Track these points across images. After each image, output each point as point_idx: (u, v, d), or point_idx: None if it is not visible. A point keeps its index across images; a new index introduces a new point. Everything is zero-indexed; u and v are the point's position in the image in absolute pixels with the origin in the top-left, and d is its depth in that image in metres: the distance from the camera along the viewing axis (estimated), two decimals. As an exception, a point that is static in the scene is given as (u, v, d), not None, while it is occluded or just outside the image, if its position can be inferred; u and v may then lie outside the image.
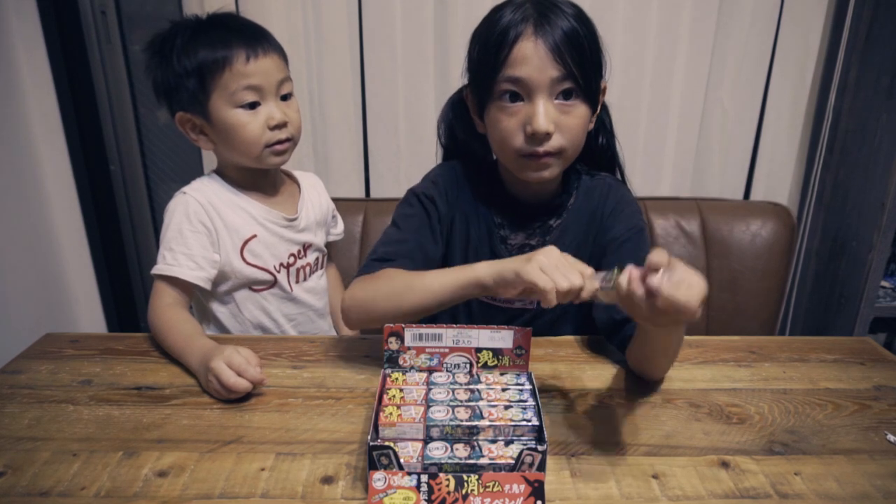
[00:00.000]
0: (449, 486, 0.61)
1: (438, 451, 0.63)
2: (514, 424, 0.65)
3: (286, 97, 1.02)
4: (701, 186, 1.75)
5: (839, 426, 0.77)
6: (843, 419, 0.78)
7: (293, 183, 1.16)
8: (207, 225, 1.01)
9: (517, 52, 0.83)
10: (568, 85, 0.84)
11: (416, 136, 1.64)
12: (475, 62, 0.90)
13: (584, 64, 0.84)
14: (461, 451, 0.63)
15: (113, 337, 0.99)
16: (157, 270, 0.98)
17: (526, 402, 0.70)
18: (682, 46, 1.60)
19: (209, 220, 1.01)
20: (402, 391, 0.71)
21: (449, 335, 0.75)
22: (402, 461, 0.61)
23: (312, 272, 1.14)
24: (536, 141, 0.85)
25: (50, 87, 1.56)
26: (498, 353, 0.76)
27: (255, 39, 0.97)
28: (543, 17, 0.83)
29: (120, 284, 1.88)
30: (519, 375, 0.75)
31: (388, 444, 0.61)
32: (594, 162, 1.03)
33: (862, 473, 0.68)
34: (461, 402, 0.70)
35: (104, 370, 0.87)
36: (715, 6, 1.56)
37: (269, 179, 1.09)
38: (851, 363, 0.92)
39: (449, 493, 0.60)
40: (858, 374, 0.89)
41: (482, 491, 0.60)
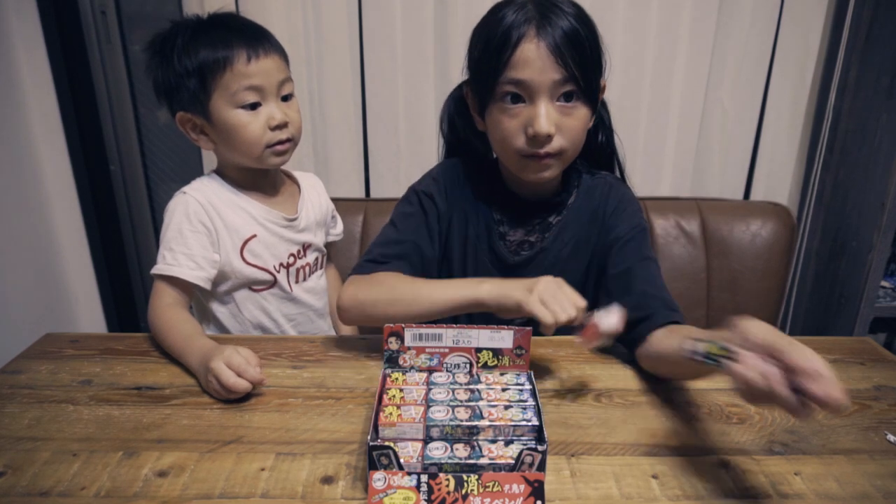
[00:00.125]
0: (449, 486, 0.61)
1: (438, 451, 0.63)
2: (514, 424, 0.65)
3: (287, 98, 1.02)
4: (701, 186, 1.75)
5: (839, 426, 0.77)
6: (842, 419, 0.78)
7: (293, 183, 1.16)
8: (207, 225, 1.01)
9: (519, 54, 0.83)
10: (569, 87, 0.84)
11: (416, 136, 1.64)
12: (476, 62, 0.90)
13: (584, 65, 0.84)
14: (461, 451, 0.63)
15: (113, 337, 0.99)
16: (156, 270, 0.98)
17: (526, 402, 0.70)
18: (682, 46, 1.60)
19: (209, 219, 1.01)
20: (402, 391, 0.71)
21: (449, 335, 0.75)
22: (402, 461, 0.61)
23: (312, 272, 1.14)
24: (538, 143, 0.86)
25: (50, 87, 1.56)
26: (498, 353, 0.76)
27: (256, 40, 0.97)
28: (545, 18, 0.83)
29: (120, 284, 1.88)
30: (519, 375, 0.75)
31: (388, 444, 0.61)
32: (594, 159, 1.03)
33: (862, 473, 0.68)
34: (461, 402, 0.70)
35: (104, 370, 0.87)
36: (715, 6, 1.56)
37: (269, 179, 1.09)
38: (851, 363, 0.92)
39: (449, 493, 0.60)
40: (858, 374, 0.89)
41: (482, 491, 0.60)
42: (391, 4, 1.53)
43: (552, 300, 0.76)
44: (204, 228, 1.00)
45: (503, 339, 0.75)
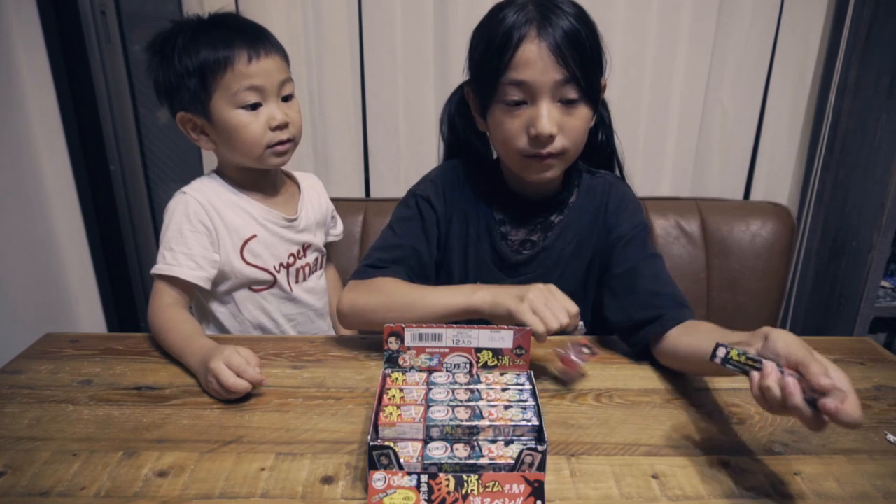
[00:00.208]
0: (449, 486, 0.60)
1: (438, 451, 0.63)
2: (514, 424, 0.65)
3: (287, 98, 1.02)
4: (701, 186, 1.74)
5: (839, 426, 0.77)
6: (843, 419, 0.78)
7: (293, 183, 1.16)
8: (207, 225, 1.01)
9: (521, 55, 0.83)
10: (571, 88, 0.85)
11: (416, 136, 1.64)
12: (477, 63, 0.90)
13: (585, 65, 0.84)
14: (461, 451, 0.63)
15: (113, 337, 0.99)
16: (156, 270, 0.98)
17: (526, 402, 0.70)
18: (682, 46, 1.60)
19: (209, 219, 1.01)
20: (402, 391, 0.71)
21: (449, 335, 0.75)
22: (402, 461, 0.61)
23: (312, 272, 1.14)
24: (540, 143, 0.86)
25: (50, 87, 1.56)
26: (498, 353, 0.76)
27: (257, 40, 0.97)
28: (546, 18, 0.83)
29: (120, 284, 1.88)
30: (519, 375, 0.75)
31: (388, 444, 0.61)
32: (594, 158, 1.03)
33: (862, 473, 0.68)
34: (461, 402, 0.70)
35: (104, 370, 0.87)
36: (715, 6, 1.56)
37: (269, 180, 1.09)
38: (851, 363, 0.92)
39: (449, 493, 0.60)
40: (858, 374, 0.89)
41: (482, 491, 0.60)
42: (391, 4, 1.53)
43: (543, 308, 0.77)
44: (204, 228, 1.00)
45: (503, 339, 0.75)
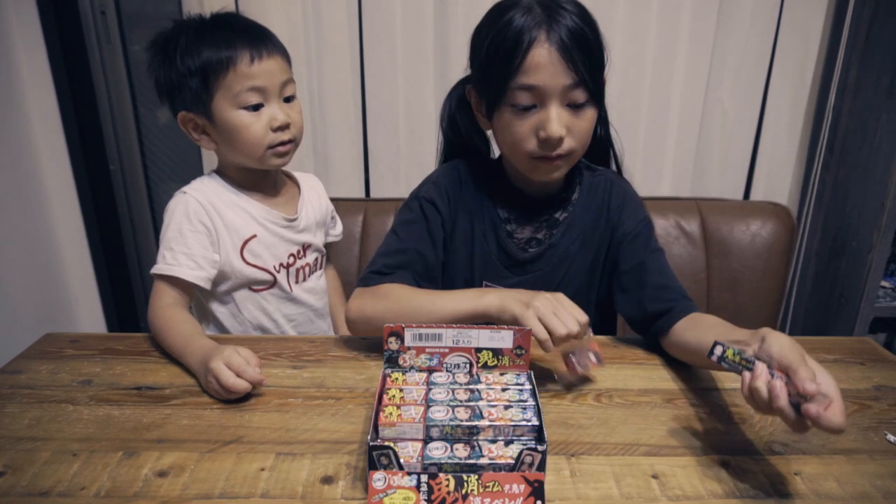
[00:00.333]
0: (449, 486, 0.61)
1: (438, 451, 0.63)
2: (513, 424, 0.65)
3: (289, 99, 1.02)
4: (701, 186, 1.75)
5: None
6: (843, 419, 0.78)
7: (293, 184, 1.16)
8: (207, 224, 1.01)
9: (531, 59, 0.83)
10: (580, 91, 0.85)
11: (416, 136, 1.64)
12: (483, 65, 0.89)
13: (593, 68, 0.85)
14: (461, 451, 0.63)
15: (113, 337, 0.99)
16: (156, 270, 0.98)
17: (526, 402, 0.70)
18: (682, 46, 1.60)
19: (209, 219, 1.01)
20: (402, 391, 0.71)
21: (449, 335, 0.75)
22: (402, 461, 0.61)
23: (312, 272, 1.14)
24: (549, 146, 0.87)
25: (50, 87, 1.56)
26: (498, 353, 0.76)
27: (259, 40, 0.97)
28: (553, 20, 0.83)
29: (120, 284, 1.88)
30: (519, 375, 0.75)
31: (388, 444, 0.61)
32: (591, 151, 1.03)
33: (862, 473, 0.68)
34: (461, 402, 0.70)
35: (104, 370, 0.87)
36: (715, 6, 1.56)
37: (269, 180, 1.09)
38: (851, 363, 0.92)
39: (449, 493, 0.60)
40: (858, 374, 0.89)
41: (482, 491, 0.60)
42: (391, 4, 1.53)
43: (551, 316, 0.76)
44: (204, 228, 1.00)
45: (503, 339, 0.75)
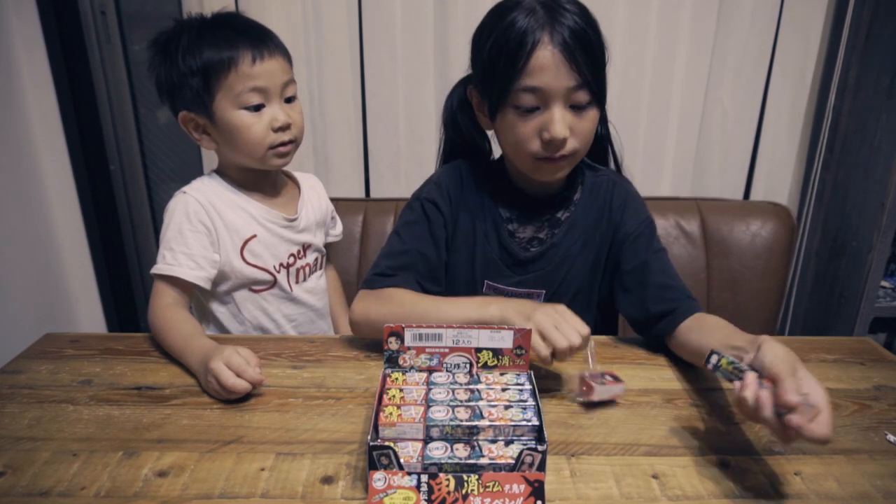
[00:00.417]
0: (449, 486, 0.61)
1: (438, 451, 0.63)
2: (514, 424, 0.65)
3: (290, 99, 1.02)
4: (701, 186, 1.75)
5: (839, 426, 0.77)
6: (843, 419, 0.78)
7: (293, 184, 1.16)
8: (207, 224, 1.01)
9: (535, 61, 0.83)
10: (583, 92, 0.85)
11: (416, 136, 1.64)
12: (486, 66, 0.88)
13: (595, 69, 0.85)
14: (461, 451, 0.63)
15: (113, 337, 0.99)
16: (156, 270, 0.98)
17: (526, 402, 0.70)
18: (682, 46, 1.60)
19: (209, 219, 1.01)
20: (402, 391, 0.71)
21: (449, 335, 0.75)
22: (402, 461, 0.61)
23: (312, 272, 1.14)
24: (553, 147, 0.87)
25: (50, 87, 1.56)
26: (498, 353, 0.76)
27: (260, 41, 0.97)
28: (556, 21, 0.83)
29: (120, 284, 1.88)
30: (519, 375, 0.75)
31: (388, 444, 0.61)
32: (591, 150, 1.03)
33: (862, 473, 0.68)
34: (461, 402, 0.70)
35: (104, 370, 0.87)
36: (715, 6, 1.56)
37: (269, 180, 1.09)
38: (851, 363, 0.92)
39: (449, 493, 0.60)
40: (858, 374, 0.89)
41: (482, 491, 0.60)
42: (391, 4, 1.53)
43: (552, 329, 0.76)
44: (204, 228, 1.00)
45: (503, 339, 0.75)
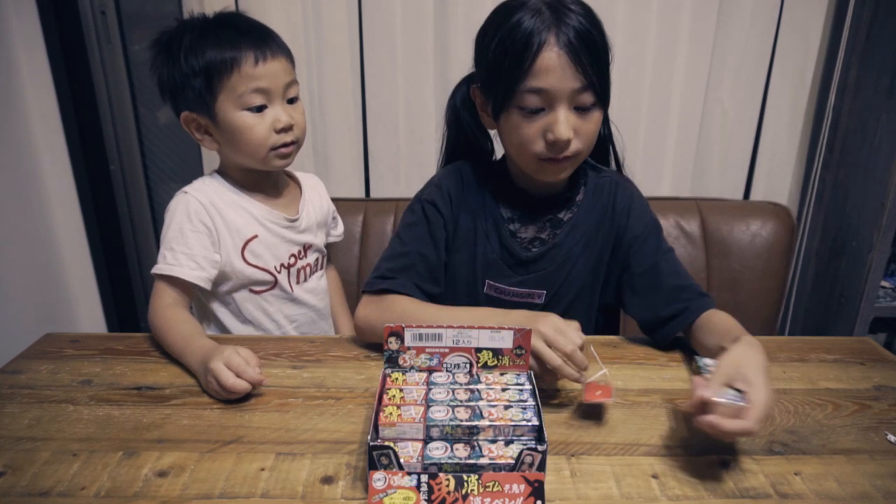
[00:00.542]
0: (449, 486, 0.61)
1: (438, 451, 0.63)
2: (514, 424, 0.65)
3: (293, 100, 1.02)
4: (701, 186, 1.75)
5: (839, 426, 0.77)
6: (843, 419, 0.78)
7: (295, 184, 1.16)
8: (208, 225, 1.01)
9: (541, 62, 0.83)
10: (588, 94, 0.85)
11: (416, 136, 1.64)
12: (491, 66, 0.88)
13: (600, 70, 0.85)
14: (461, 451, 0.63)
15: (113, 337, 0.99)
16: (157, 270, 0.98)
17: (526, 402, 0.70)
18: (682, 46, 1.60)
19: (210, 219, 1.01)
20: (402, 391, 0.71)
21: (449, 335, 0.75)
22: (402, 461, 0.61)
23: (312, 273, 1.14)
24: (557, 148, 0.87)
25: (50, 87, 1.56)
26: (498, 353, 0.76)
27: (263, 42, 0.97)
28: (562, 22, 0.83)
29: (120, 284, 1.88)
30: (519, 375, 0.75)
31: (388, 444, 0.61)
32: (593, 150, 1.03)
33: (862, 473, 0.68)
34: (461, 402, 0.70)
35: (104, 370, 0.87)
36: (715, 6, 1.56)
37: (271, 180, 1.09)
38: (851, 363, 0.92)
39: (449, 493, 0.60)
40: (858, 374, 0.89)
41: (482, 491, 0.60)
42: (391, 4, 1.53)
43: (555, 335, 0.77)
44: (205, 228, 1.00)
45: (503, 339, 0.75)
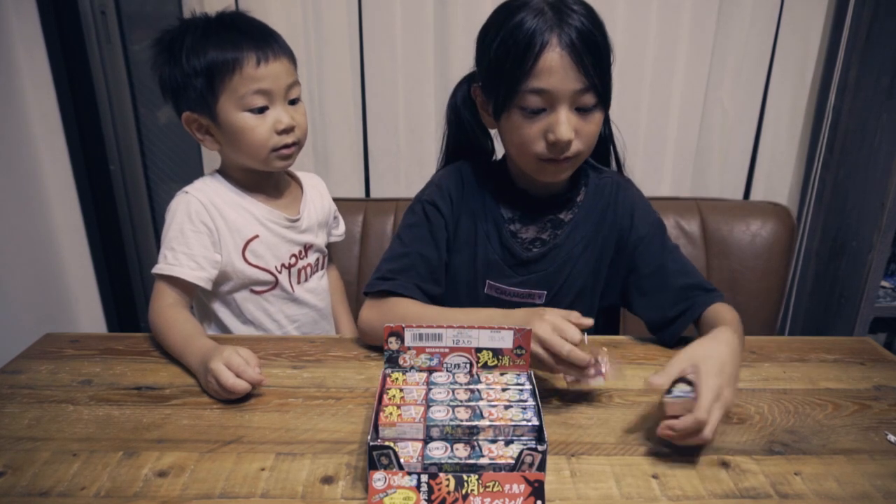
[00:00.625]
0: (449, 485, 0.61)
1: (438, 451, 0.63)
2: (514, 424, 0.65)
3: (294, 101, 1.01)
4: (701, 186, 1.75)
5: (839, 426, 0.77)
6: (843, 419, 0.78)
7: (296, 184, 1.16)
8: (209, 225, 1.01)
9: (542, 63, 0.83)
10: (589, 95, 0.85)
11: (416, 136, 1.64)
12: (493, 66, 0.88)
13: (601, 71, 0.85)
14: (461, 451, 0.63)
15: (113, 337, 0.99)
16: (157, 270, 0.98)
17: (526, 402, 0.70)
18: (682, 46, 1.60)
19: (211, 219, 1.01)
20: (402, 391, 0.71)
21: (449, 335, 0.75)
22: (402, 461, 0.61)
23: (313, 273, 1.14)
24: (558, 149, 0.87)
25: (50, 87, 1.56)
26: (498, 353, 0.76)
27: (265, 43, 0.97)
28: (564, 23, 0.83)
29: (120, 284, 1.88)
30: (519, 375, 0.75)
31: (388, 444, 0.61)
32: (594, 150, 1.03)
33: (862, 473, 0.68)
34: (461, 401, 0.70)
35: (104, 370, 0.87)
36: (715, 6, 1.56)
37: (272, 180, 1.09)
38: (851, 363, 0.92)
39: (449, 493, 0.60)
40: (858, 374, 0.89)
41: (482, 491, 0.60)
42: (391, 4, 1.53)
43: (557, 332, 0.76)
44: (205, 228, 1.00)
45: (503, 339, 0.75)
